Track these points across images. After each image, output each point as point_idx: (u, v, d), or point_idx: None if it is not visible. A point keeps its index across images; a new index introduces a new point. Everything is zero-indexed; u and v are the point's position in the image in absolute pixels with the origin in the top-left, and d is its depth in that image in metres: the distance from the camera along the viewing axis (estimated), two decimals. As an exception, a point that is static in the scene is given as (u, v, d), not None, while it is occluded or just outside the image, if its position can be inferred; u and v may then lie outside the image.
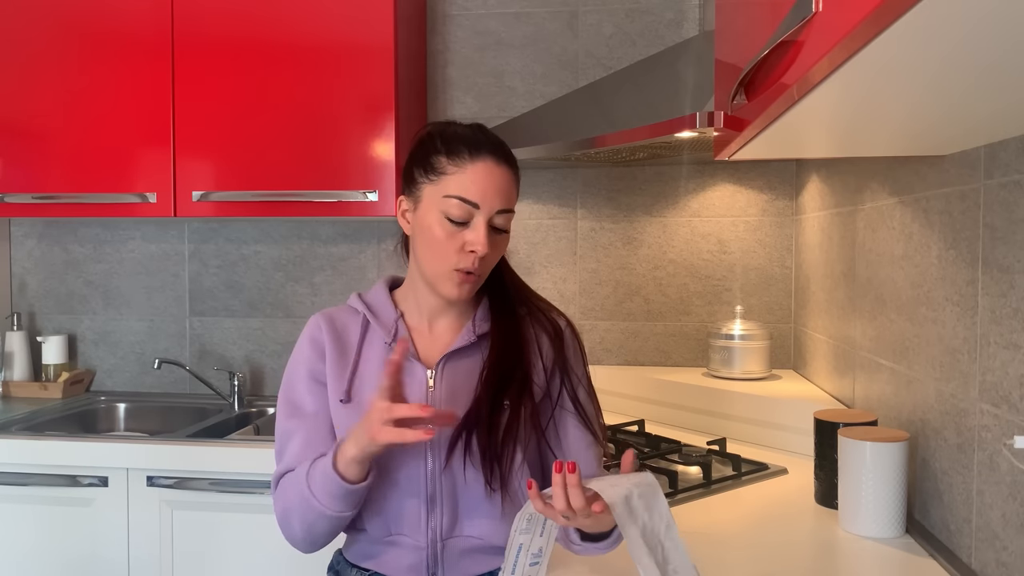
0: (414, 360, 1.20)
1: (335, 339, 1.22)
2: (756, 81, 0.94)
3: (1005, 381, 1.11)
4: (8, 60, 2.37)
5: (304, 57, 2.25)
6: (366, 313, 1.23)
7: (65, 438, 2.09)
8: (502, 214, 1.14)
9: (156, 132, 2.30)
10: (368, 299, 1.26)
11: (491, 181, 1.13)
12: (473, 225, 1.13)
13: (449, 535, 1.18)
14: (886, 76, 0.71)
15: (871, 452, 1.36)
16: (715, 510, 1.52)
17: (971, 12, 0.52)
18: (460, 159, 1.14)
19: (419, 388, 1.19)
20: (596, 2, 2.47)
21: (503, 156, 1.16)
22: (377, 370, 1.18)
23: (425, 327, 1.24)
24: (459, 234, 1.13)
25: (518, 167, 1.19)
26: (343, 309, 1.27)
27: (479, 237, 1.12)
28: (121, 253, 2.71)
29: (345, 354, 1.21)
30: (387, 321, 1.23)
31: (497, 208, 1.13)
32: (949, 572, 1.23)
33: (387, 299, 1.25)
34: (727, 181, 2.44)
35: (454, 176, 1.13)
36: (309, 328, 1.25)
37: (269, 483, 1.98)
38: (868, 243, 1.70)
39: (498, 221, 1.14)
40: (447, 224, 1.13)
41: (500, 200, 1.14)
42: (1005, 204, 1.11)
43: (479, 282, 1.17)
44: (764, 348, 2.20)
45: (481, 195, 1.12)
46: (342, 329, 1.23)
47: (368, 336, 1.23)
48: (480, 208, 1.12)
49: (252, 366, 2.64)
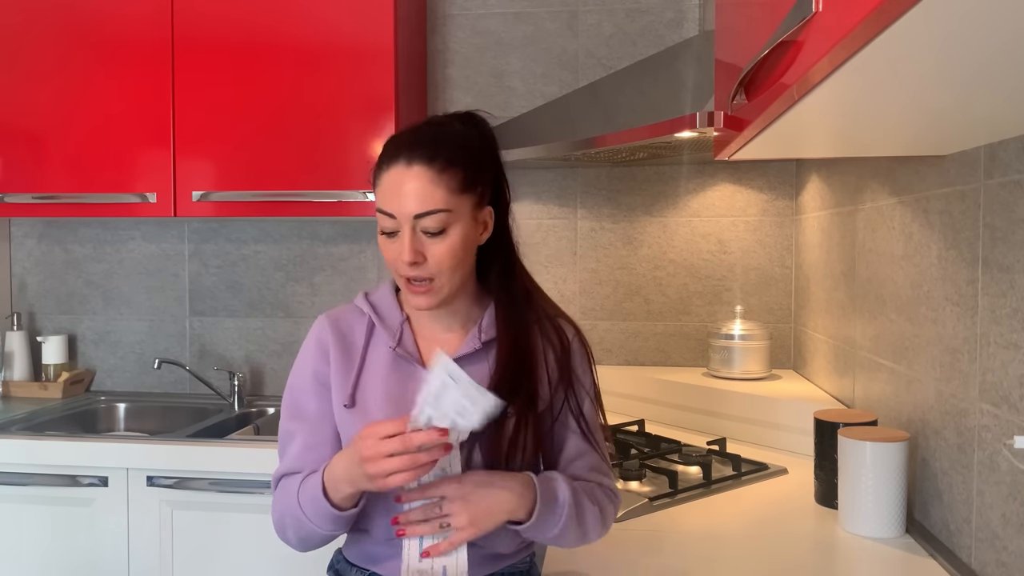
0: (417, 364, 1.18)
1: (340, 341, 1.20)
2: (756, 81, 0.94)
3: (1005, 381, 1.11)
4: (8, 60, 2.37)
5: (304, 57, 2.25)
6: (371, 315, 1.21)
7: (65, 438, 2.09)
8: (424, 217, 1.08)
9: (156, 132, 2.30)
10: (374, 300, 1.24)
11: (401, 187, 1.09)
12: (399, 235, 1.10)
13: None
14: (886, 76, 0.71)
15: (871, 452, 1.36)
16: (715, 510, 1.52)
17: (971, 12, 0.52)
18: (380, 171, 1.13)
19: None
20: (596, 2, 2.47)
21: (419, 156, 1.09)
22: (382, 374, 1.17)
23: (431, 330, 1.22)
24: (393, 245, 1.11)
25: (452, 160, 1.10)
26: (349, 309, 1.25)
27: (401, 246, 1.09)
28: (121, 253, 2.71)
29: (350, 357, 1.19)
30: (392, 324, 1.21)
31: (413, 213, 1.08)
32: (949, 572, 1.23)
33: (393, 300, 1.23)
34: (727, 181, 2.44)
35: (379, 189, 1.12)
36: (315, 330, 1.23)
37: (269, 483, 1.99)
38: (868, 243, 1.70)
39: (426, 224, 1.08)
40: (383, 238, 1.13)
41: (415, 203, 1.08)
42: (1005, 204, 1.11)
43: (440, 290, 1.12)
44: (764, 348, 2.20)
45: (396, 204, 1.09)
46: (347, 331, 1.21)
47: (373, 339, 1.20)
48: (396, 217, 1.09)
49: (252, 366, 2.64)
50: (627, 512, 1.46)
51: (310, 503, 1.11)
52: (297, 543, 1.18)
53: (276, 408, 2.49)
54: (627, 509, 1.46)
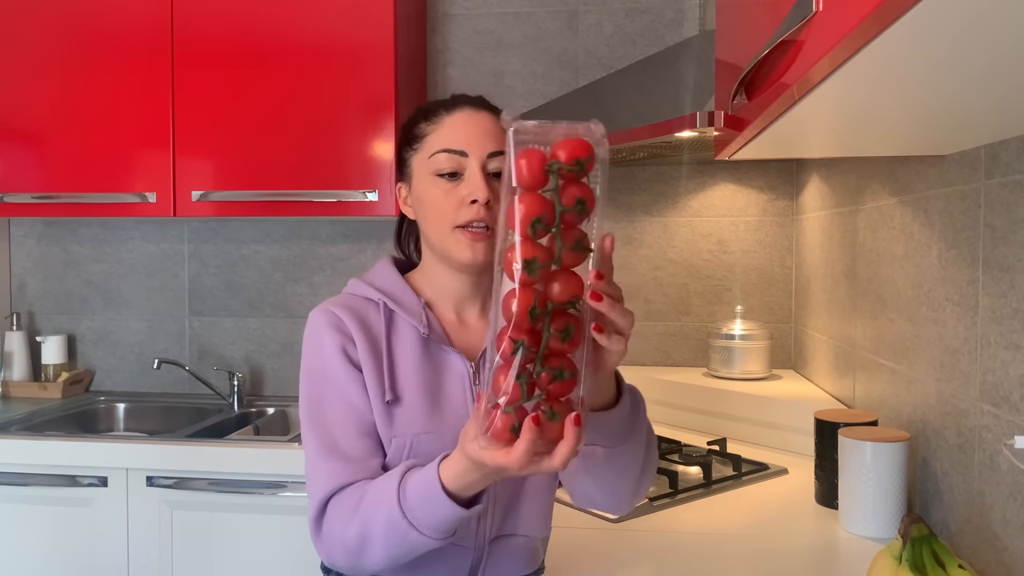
0: (451, 350, 1.09)
1: (362, 329, 1.08)
2: (756, 81, 0.94)
3: (1006, 381, 1.11)
4: (8, 60, 2.36)
5: (304, 57, 2.25)
6: (386, 301, 1.10)
7: (65, 438, 2.09)
8: (495, 156, 1.07)
9: (156, 132, 2.30)
10: (381, 285, 1.13)
11: (474, 126, 1.07)
12: (467, 175, 1.06)
13: (499, 534, 1.11)
14: (886, 76, 0.71)
15: (872, 452, 1.35)
16: (715, 510, 1.52)
17: (972, 12, 0.51)
18: (437, 116, 1.10)
19: (460, 383, 1.09)
20: (596, 2, 2.47)
21: (482, 104, 1.11)
22: (414, 364, 1.08)
23: (453, 316, 1.14)
24: (455, 189, 1.06)
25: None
26: (352, 298, 1.13)
27: (476, 183, 1.05)
28: (121, 253, 2.71)
29: (375, 348, 1.07)
30: (414, 308, 1.10)
31: (488, 150, 1.06)
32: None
33: (404, 283, 1.14)
34: (727, 181, 2.44)
35: (434, 133, 1.09)
36: (324, 317, 1.09)
37: (268, 483, 1.99)
38: (869, 243, 1.70)
39: (493, 166, 1.07)
40: (440, 182, 1.07)
41: (490, 142, 1.07)
42: (1006, 204, 1.11)
43: (493, 238, 1.05)
44: (764, 348, 2.20)
45: (466, 141, 1.07)
46: (364, 320, 1.09)
47: (395, 327, 1.10)
48: (469, 155, 1.06)
49: (252, 366, 2.64)
50: (627, 512, 1.46)
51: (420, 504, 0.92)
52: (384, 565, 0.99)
53: (276, 408, 2.49)
54: (627, 509, 1.46)
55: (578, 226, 0.79)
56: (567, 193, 0.77)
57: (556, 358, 0.79)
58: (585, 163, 0.77)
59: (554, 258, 0.77)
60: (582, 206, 0.77)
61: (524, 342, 0.76)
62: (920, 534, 1.00)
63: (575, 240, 0.78)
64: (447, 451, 0.93)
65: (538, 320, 0.77)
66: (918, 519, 1.01)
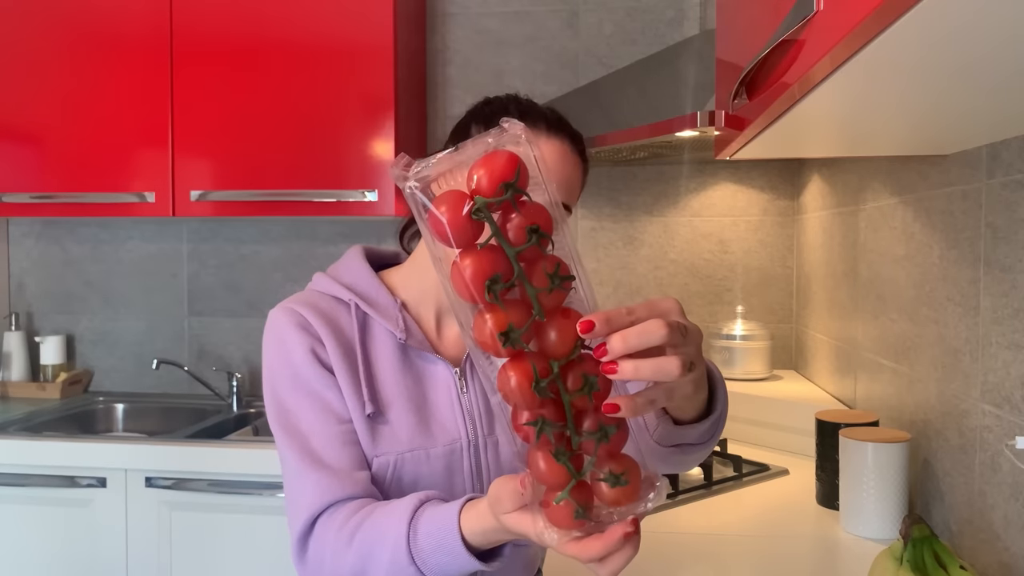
0: (433, 356, 1.00)
1: (332, 332, 0.97)
2: (757, 80, 0.94)
3: (1007, 382, 1.10)
4: (7, 60, 2.36)
5: (303, 56, 2.24)
6: (358, 302, 0.99)
7: (63, 439, 2.08)
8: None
9: (154, 131, 2.30)
10: (350, 282, 1.02)
11: (563, 166, 0.97)
12: None
13: None
14: (887, 75, 0.70)
15: (873, 453, 1.35)
16: (716, 511, 1.52)
17: (973, 11, 0.51)
18: (535, 129, 0.96)
19: (446, 393, 1.00)
20: (596, 1, 2.47)
21: (580, 148, 1.01)
22: (393, 372, 0.98)
23: (433, 318, 1.04)
24: None
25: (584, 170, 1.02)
26: (319, 296, 1.02)
27: None
28: (119, 253, 2.70)
29: (349, 354, 0.97)
30: (390, 310, 1.00)
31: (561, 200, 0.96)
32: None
33: (377, 281, 1.02)
34: (728, 181, 2.44)
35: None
36: (287, 316, 0.99)
37: (267, 484, 1.99)
38: (870, 243, 1.70)
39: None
40: None
41: (564, 192, 0.97)
42: (1007, 204, 1.10)
43: None
44: (765, 348, 2.19)
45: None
46: (333, 321, 0.98)
47: (369, 331, 0.99)
48: None
49: (251, 366, 2.63)
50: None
51: (434, 552, 0.80)
52: None
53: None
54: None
55: (543, 256, 0.61)
56: (513, 226, 0.59)
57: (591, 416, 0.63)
58: (516, 181, 0.59)
59: (534, 311, 0.60)
60: (537, 234, 0.59)
61: (544, 419, 0.61)
62: (921, 535, 1.00)
63: (548, 274, 0.60)
64: (435, 472, 0.87)
65: (548, 390, 0.61)
66: (919, 520, 1.01)
